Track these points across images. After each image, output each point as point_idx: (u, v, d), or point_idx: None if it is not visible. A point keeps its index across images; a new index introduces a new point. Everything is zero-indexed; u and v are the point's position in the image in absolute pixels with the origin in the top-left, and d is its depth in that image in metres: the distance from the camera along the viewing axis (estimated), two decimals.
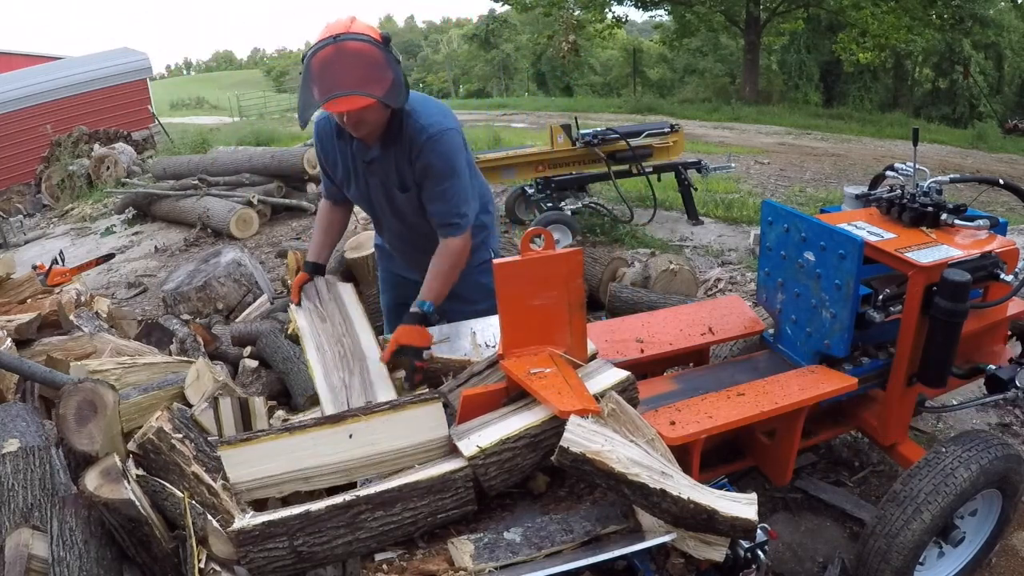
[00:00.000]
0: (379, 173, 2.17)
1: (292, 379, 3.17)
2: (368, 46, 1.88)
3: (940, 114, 21.06)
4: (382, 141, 2.08)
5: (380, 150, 2.10)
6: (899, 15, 16.96)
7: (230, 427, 1.87)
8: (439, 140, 2.04)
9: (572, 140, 5.64)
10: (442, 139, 2.04)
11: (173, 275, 4.77)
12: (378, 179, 2.18)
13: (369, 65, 1.88)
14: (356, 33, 1.88)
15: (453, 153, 2.08)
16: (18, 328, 2.77)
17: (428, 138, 2.02)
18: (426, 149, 2.03)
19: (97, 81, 13.93)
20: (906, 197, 2.24)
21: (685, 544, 1.38)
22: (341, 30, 1.88)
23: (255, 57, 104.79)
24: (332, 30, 1.88)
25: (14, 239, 8.48)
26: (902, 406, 2.20)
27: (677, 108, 18.47)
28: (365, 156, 2.13)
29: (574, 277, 1.62)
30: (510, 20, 32.40)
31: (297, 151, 7.58)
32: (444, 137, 2.05)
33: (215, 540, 1.43)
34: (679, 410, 1.93)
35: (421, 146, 2.03)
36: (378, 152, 2.10)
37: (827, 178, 9.11)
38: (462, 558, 1.34)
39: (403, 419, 1.53)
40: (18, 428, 1.95)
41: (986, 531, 2.17)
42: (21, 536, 1.52)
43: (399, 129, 2.06)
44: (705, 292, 4.51)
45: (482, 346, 2.17)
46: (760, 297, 2.42)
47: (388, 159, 2.11)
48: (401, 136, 2.06)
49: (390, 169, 2.14)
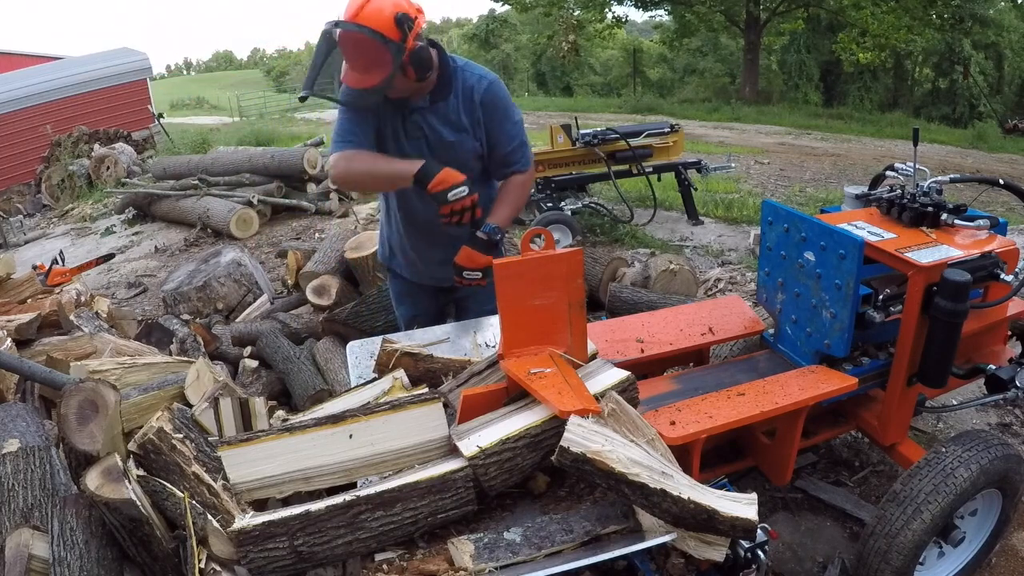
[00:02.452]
0: (423, 125, 2.21)
1: (292, 379, 3.18)
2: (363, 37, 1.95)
3: (940, 114, 21.06)
4: (431, 95, 2.18)
5: (428, 101, 2.19)
6: (899, 15, 16.97)
7: (230, 427, 1.87)
8: (499, 85, 2.23)
9: (572, 140, 5.64)
10: (500, 85, 2.24)
11: (173, 275, 4.77)
12: (422, 132, 2.22)
13: (364, 55, 1.99)
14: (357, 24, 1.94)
15: (509, 97, 2.27)
16: (18, 328, 2.77)
17: (490, 83, 2.20)
18: (489, 91, 2.19)
19: (97, 81, 13.93)
20: (906, 197, 2.24)
21: (685, 544, 1.37)
22: (348, 16, 1.96)
23: (255, 57, 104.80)
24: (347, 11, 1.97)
25: (14, 239, 8.48)
26: (902, 406, 2.20)
27: (677, 108, 18.48)
28: (411, 105, 2.19)
29: (574, 277, 1.62)
30: (510, 20, 32.40)
31: (297, 151, 7.57)
32: (500, 84, 2.24)
33: (215, 540, 1.43)
34: (679, 410, 1.93)
35: (484, 89, 2.18)
36: (426, 103, 2.19)
37: (827, 178, 9.12)
38: (462, 558, 1.34)
39: (403, 419, 1.53)
40: (18, 428, 1.96)
41: (986, 531, 2.17)
42: (21, 536, 1.52)
43: (449, 82, 2.17)
44: (705, 292, 4.51)
45: (482, 346, 2.16)
46: (760, 297, 2.42)
47: (437, 110, 2.20)
48: (452, 88, 2.18)
49: (436, 120, 2.20)
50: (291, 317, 3.87)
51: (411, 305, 2.64)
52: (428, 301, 2.59)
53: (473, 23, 41.02)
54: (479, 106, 2.19)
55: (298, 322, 3.81)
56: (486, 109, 2.20)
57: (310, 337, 3.66)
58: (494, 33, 33.50)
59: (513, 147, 2.26)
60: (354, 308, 3.32)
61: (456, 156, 2.22)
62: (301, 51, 79.82)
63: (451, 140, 2.22)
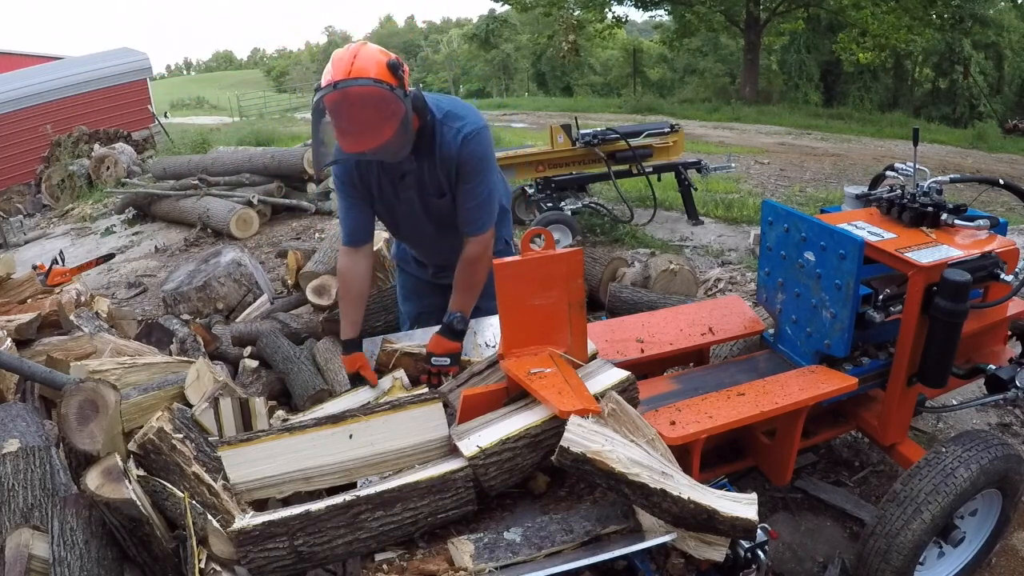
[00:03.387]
0: (414, 185, 2.18)
1: (292, 379, 3.17)
2: (371, 89, 1.85)
3: (940, 114, 21.04)
4: (415, 153, 2.09)
5: (414, 162, 2.12)
6: (899, 15, 16.97)
7: (230, 427, 1.87)
8: (474, 139, 2.09)
9: (572, 140, 5.64)
10: (477, 138, 2.10)
11: (173, 275, 4.77)
12: (413, 192, 2.19)
13: (375, 108, 1.88)
14: (357, 78, 1.83)
15: (485, 150, 2.14)
16: (18, 328, 2.77)
17: (464, 138, 2.08)
18: (464, 150, 2.09)
19: (97, 81, 13.91)
20: (906, 197, 2.24)
21: (685, 544, 1.38)
22: (342, 74, 1.83)
23: (255, 57, 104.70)
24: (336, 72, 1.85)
25: (14, 239, 8.48)
26: (902, 406, 2.20)
27: (677, 108, 18.48)
28: (399, 170, 2.14)
29: (574, 277, 1.62)
30: (510, 20, 32.36)
31: (297, 151, 7.57)
32: (479, 136, 2.11)
33: (215, 540, 1.43)
34: (679, 410, 1.93)
35: (459, 148, 2.08)
36: (413, 164, 2.12)
37: (827, 178, 9.12)
38: (462, 558, 1.34)
39: (403, 419, 1.54)
40: (18, 428, 1.96)
41: (986, 531, 2.17)
42: (21, 536, 1.52)
43: (431, 138, 2.09)
44: (705, 292, 4.51)
45: (482, 346, 2.17)
46: (760, 297, 2.42)
47: (422, 170, 2.14)
48: (434, 144, 2.09)
49: (424, 179, 2.16)
50: (291, 317, 3.87)
51: (416, 302, 2.69)
52: (435, 297, 2.61)
53: (473, 23, 41.01)
54: (456, 165, 2.12)
55: (298, 322, 3.80)
56: (460, 167, 2.12)
57: (310, 337, 3.66)
58: (494, 33, 33.45)
59: (468, 207, 2.16)
60: None
61: (445, 215, 2.24)
62: (301, 51, 79.89)
63: (439, 202, 2.20)
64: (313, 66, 48.32)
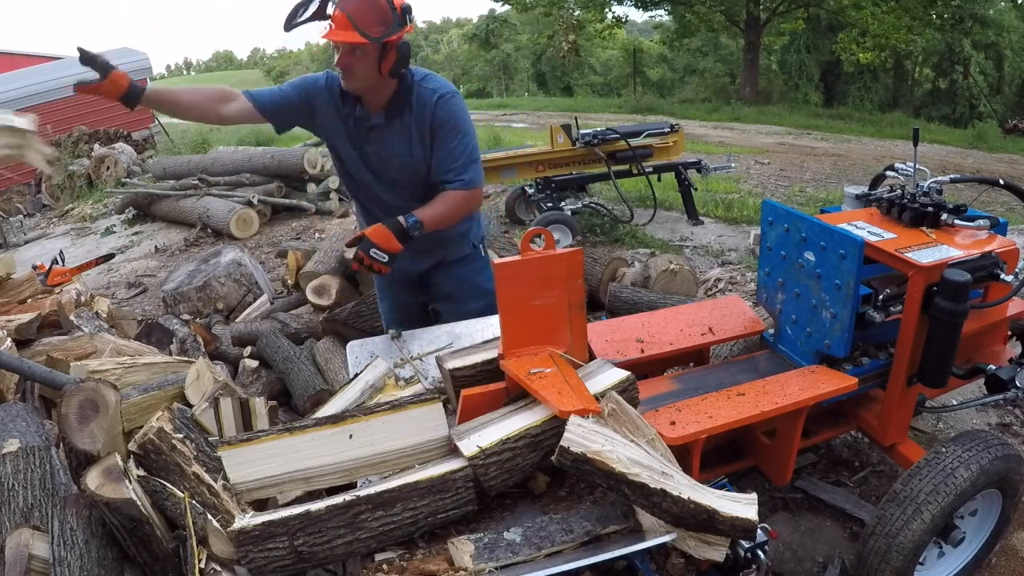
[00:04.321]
0: (378, 141, 2.24)
1: (292, 379, 3.18)
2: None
3: (940, 114, 21.03)
4: (387, 110, 2.18)
5: (384, 118, 2.19)
6: (899, 15, 16.96)
7: (230, 427, 1.87)
8: (450, 100, 2.18)
9: (572, 140, 5.63)
10: (453, 100, 2.19)
11: (173, 275, 4.77)
12: (376, 147, 2.25)
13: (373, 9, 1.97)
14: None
15: (462, 113, 2.21)
16: (18, 328, 2.77)
17: (440, 97, 2.16)
18: (440, 107, 2.16)
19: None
20: (906, 197, 2.24)
21: (685, 544, 1.38)
22: None
23: (255, 57, 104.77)
24: None
25: (14, 239, 8.48)
26: (902, 406, 2.20)
27: (677, 108, 18.47)
28: (367, 123, 2.21)
29: (574, 277, 1.62)
30: (510, 20, 32.37)
31: (297, 151, 7.57)
32: (455, 99, 2.20)
33: (215, 540, 1.43)
34: (679, 410, 1.93)
35: (435, 105, 2.16)
36: (382, 119, 2.19)
37: (827, 178, 9.12)
38: (462, 558, 1.34)
39: (403, 419, 1.53)
40: (18, 428, 1.96)
41: (986, 531, 2.17)
42: (21, 536, 1.52)
43: (407, 96, 2.17)
44: (705, 292, 4.51)
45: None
46: (760, 297, 2.42)
47: (392, 127, 2.20)
48: (410, 102, 2.17)
49: (394, 135, 2.21)
50: (291, 317, 3.87)
51: (390, 300, 2.72)
52: (405, 295, 2.65)
53: (473, 23, 41.04)
54: (430, 123, 2.17)
55: (298, 322, 3.81)
56: (435, 126, 2.17)
57: (310, 337, 3.66)
58: (494, 33, 33.47)
59: (455, 165, 2.19)
60: (354, 308, 3.32)
61: (409, 174, 2.27)
62: (301, 51, 79.79)
63: (404, 159, 2.24)
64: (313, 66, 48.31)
